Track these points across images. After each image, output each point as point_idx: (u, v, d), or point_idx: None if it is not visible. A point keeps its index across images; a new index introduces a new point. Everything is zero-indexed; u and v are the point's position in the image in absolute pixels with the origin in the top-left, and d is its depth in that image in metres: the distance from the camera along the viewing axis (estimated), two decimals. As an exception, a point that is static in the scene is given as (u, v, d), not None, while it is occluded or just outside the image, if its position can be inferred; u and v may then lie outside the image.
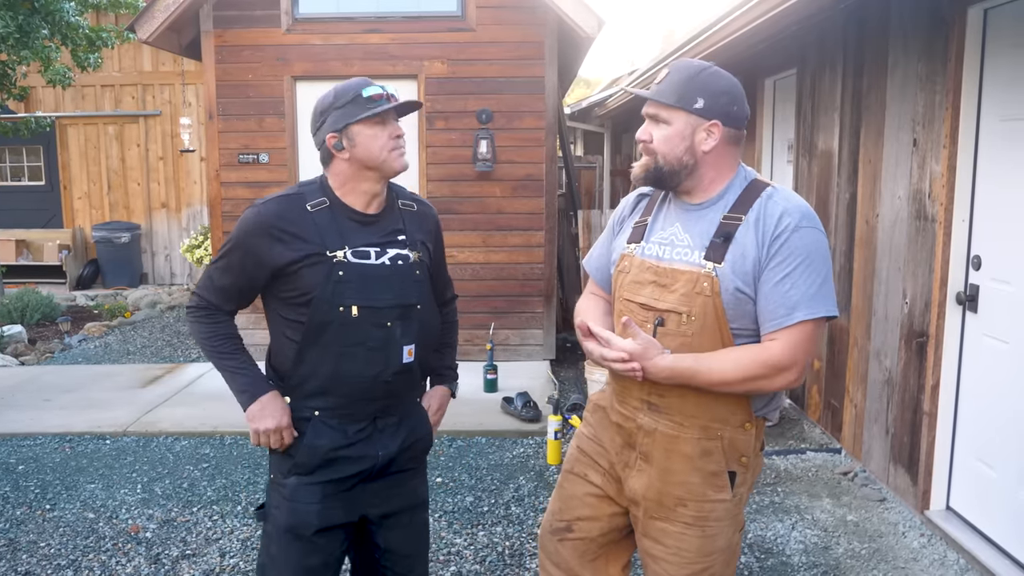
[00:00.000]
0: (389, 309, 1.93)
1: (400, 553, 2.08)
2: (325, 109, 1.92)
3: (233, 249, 1.94)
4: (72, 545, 3.46)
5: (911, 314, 3.68)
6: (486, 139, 6.18)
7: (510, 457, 4.48)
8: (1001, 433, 3.16)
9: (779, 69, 5.52)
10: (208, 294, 2.00)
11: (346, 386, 1.93)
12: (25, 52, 7.08)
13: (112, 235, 10.10)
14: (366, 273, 1.92)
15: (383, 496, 2.03)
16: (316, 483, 1.95)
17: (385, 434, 2.00)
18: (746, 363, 1.72)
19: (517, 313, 6.36)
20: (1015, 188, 3.07)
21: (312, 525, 1.95)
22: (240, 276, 1.95)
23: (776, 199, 1.76)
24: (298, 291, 1.91)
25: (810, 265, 1.71)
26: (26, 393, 5.66)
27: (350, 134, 1.90)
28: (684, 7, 39.72)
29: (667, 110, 1.79)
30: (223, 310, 2.01)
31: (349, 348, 1.91)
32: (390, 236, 1.98)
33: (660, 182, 1.85)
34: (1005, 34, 3.14)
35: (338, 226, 1.93)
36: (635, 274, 1.87)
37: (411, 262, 1.99)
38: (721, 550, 1.87)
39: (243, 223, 1.92)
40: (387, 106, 1.88)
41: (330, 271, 1.88)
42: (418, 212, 2.08)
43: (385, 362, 1.94)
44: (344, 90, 1.91)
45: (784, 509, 3.77)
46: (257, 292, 2.00)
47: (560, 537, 2.01)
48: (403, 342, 1.96)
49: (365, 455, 1.98)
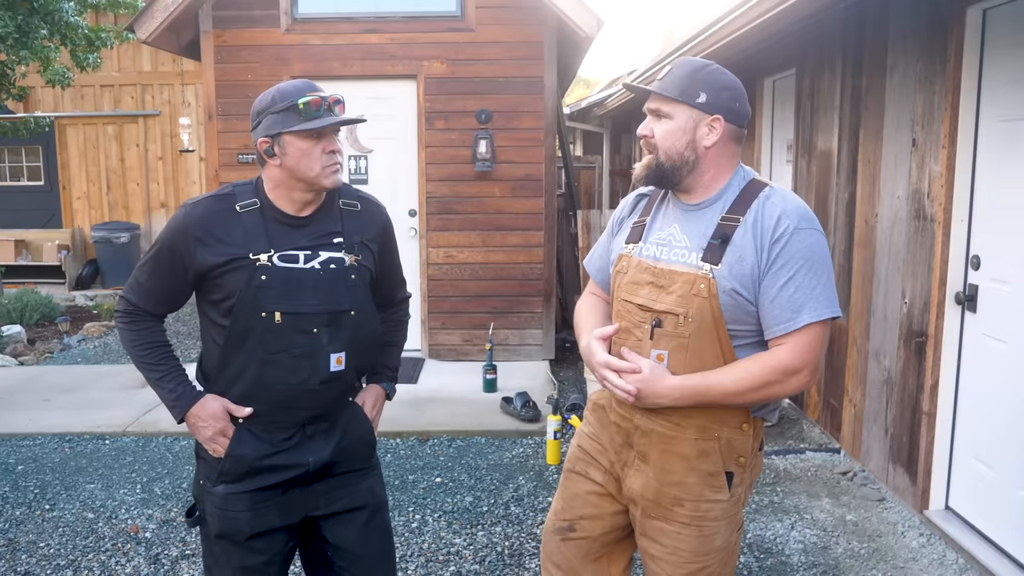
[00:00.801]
0: (316, 315, 1.85)
1: (356, 553, 2.00)
2: (261, 111, 1.84)
3: (159, 251, 1.89)
4: (71, 545, 3.46)
5: (910, 314, 3.69)
6: (485, 139, 6.18)
7: (509, 457, 4.48)
8: (1000, 433, 3.16)
9: (778, 69, 5.52)
10: (135, 297, 1.94)
11: (270, 393, 1.87)
12: (24, 52, 7.07)
13: (111, 235, 10.10)
14: (291, 277, 1.84)
15: (325, 498, 1.97)
16: (245, 492, 1.90)
17: (316, 440, 1.93)
18: (757, 371, 1.72)
19: (516, 313, 6.36)
20: (1014, 188, 3.07)
21: (244, 532, 1.90)
22: (166, 279, 1.90)
23: (773, 200, 1.76)
24: (222, 295, 1.85)
25: (812, 267, 1.71)
26: (25, 393, 5.66)
27: (282, 143, 1.82)
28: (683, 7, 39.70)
29: (669, 104, 1.78)
30: (151, 314, 1.95)
31: (272, 355, 1.84)
32: (323, 239, 1.90)
33: (662, 180, 1.83)
34: (1004, 34, 3.14)
35: (266, 229, 1.85)
36: (633, 275, 1.87)
37: (345, 266, 1.90)
38: (719, 549, 1.87)
39: (169, 225, 1.87)
40: (320, 123, 1.79)
41: (252, 275, 1.82)
42: (361, 212, 1.98)
43: (311, 370, 1.86)
44: (282, 94, 1.82)
45: (783, 509, 3.77)
46: (186, 296, 1.94)
47: (563, 536, 2.00)
48: (330, 349, 1.88)
49: (295, 463, 1.91)
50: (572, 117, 12.77)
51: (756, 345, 1.78)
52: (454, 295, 6.29)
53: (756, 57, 5.61)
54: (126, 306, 1.95)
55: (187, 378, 1.95)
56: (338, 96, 1.85)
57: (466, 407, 5.15)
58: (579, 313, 2.09)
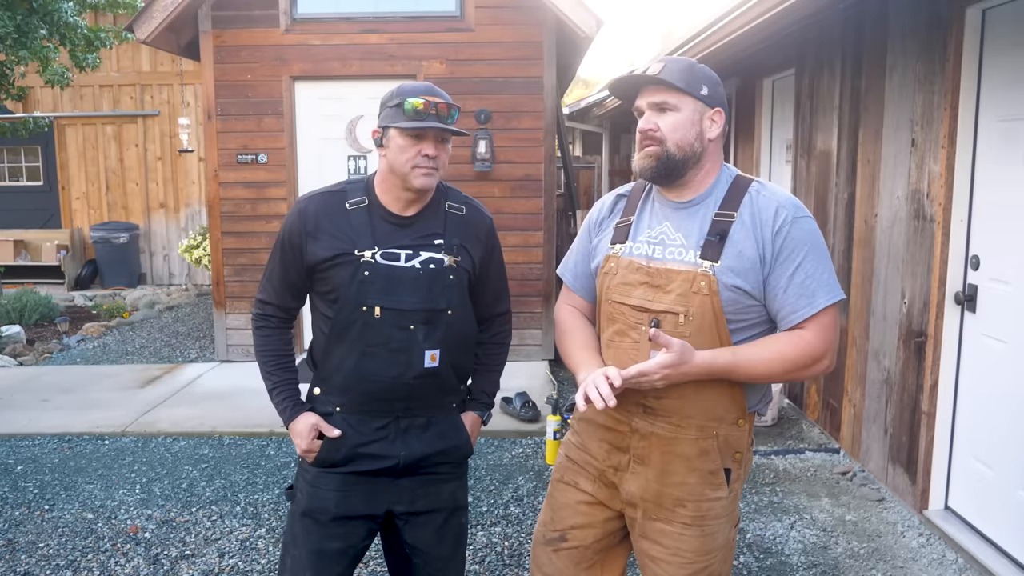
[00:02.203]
0: (414, 312, 1.94)
1: (431, 553, 2.08)
2: (384, 102, 1.96)
3: (278, 246, 2.03)
4: (71, 545, 3.46)
5: (909, 314, 3.69)
6: (485, 139, 6.19)
7: (509, 457, 4.48)
8: (999, 433, 3.16)
9: (778, 69, 5.52)
10: (265, 295, 2.07)
11: (367, 384, 1.96)
12: (23, 52, 7.06)
13: (110, 235, 10.09)
14: (393, 275, 1.94)
15: (410, 495, 2.04)
16: (337, 473, 2.00)
17: (409, 435, 2.01)
18: (788, 353, 1.73)
19: (516, 313, 6.33)
20: (1013, 188, 3.07)
21: (330, 512, 1.99)
22: (288, 272, 2.02)
23: (765, 194, 1.78)
24: (328, 288, 1.97)
25: (816, 253, 1.74)
26: (24, 393, 5.66)
27: (387, 136, 1.93)
28: (683, 7, 39.70)
29: (676, 95, 1.76)
30: (281, 309, 2.07)
31: (371, 348, 1.94)
32: (425, 239, 1.99)
33: (669, 173, 1.79)
34: (1003, 34, 3.14)
35: (372, 226, 1.96)
36: (623, 275, 1.84)
37: (444, 266, 1.98)
38: (720, 547, 1.87)
39: (285, 221, 2.02)
40: (414, 124, 1.87)
41: (356, 271, 1.92)
42: (466, 217, 2.06)
43: (407, 364, 1.95)
44: (400, 91, 1.93)
45: (783, 509, 3.77)
46: (306, 288, 2.06)
47: (554, 547, 1.98)
48: (425, 346, 1.96)
49: (386, 454, 2.00)
50: (571, 117, 12.77)
51: (749, 332, 1.78)
52: (453, 295, 6.28)
53: (755, 57, 5.62)
54: (258, 308, 2.09)
55: (294, 391, 2.06)
56: (453, 104, 1.95)
57: (465, 407, 5.15)
58: (561, 332, 2.02)
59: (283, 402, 2.04)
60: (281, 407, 2.04)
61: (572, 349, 1.97)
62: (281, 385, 2.05)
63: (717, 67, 1.91)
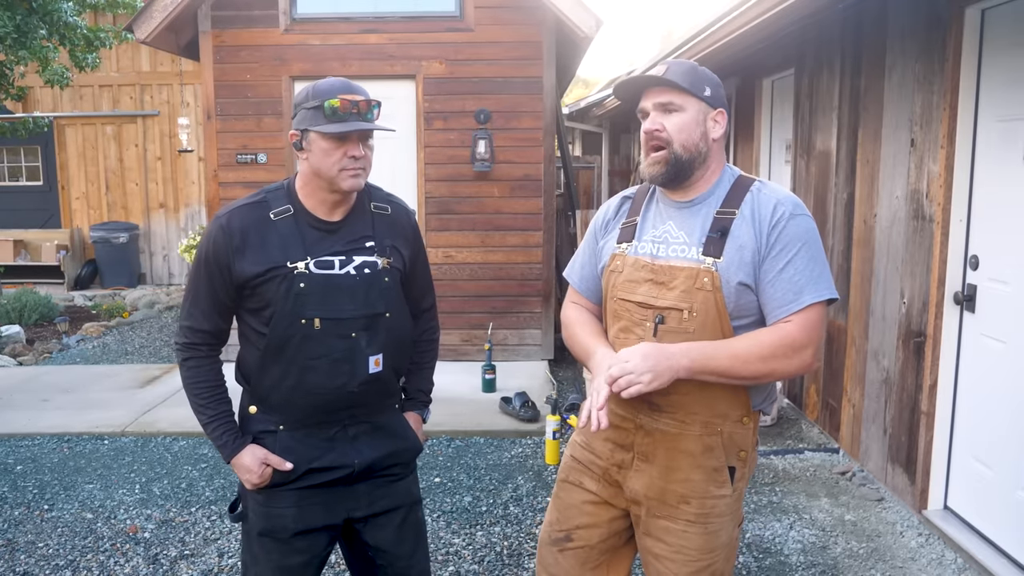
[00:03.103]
0: (353, 320, 1.89)
1: (395, 552, 2.05)
2: (298, 104, 1.87)
3: (201, 266, 1.90)
4: (70, 545, 3.46)
5: (909, 314, 3.69)
6: (484, 139, 6.18)
7: (508, 457, 4.48)
8: (999, 433, 3.16)
9: (777, 69, 5.52)
10: (192, 320, 1.93)
11: (310, 397, 1.90)
12: (23, 52, 7.07)
13: (110, 235, 10.09)
14: (329, 284, 1.87)
15: (367, 499, 2.00)
16: (291, 489, 1.93)
17: (359, 441, 1.97)
18: (765, 338, 1.72)
19: (515, 313, 6.36)
20: (1013, 188, 3.07)
21: (289, 529, 1.94)
22: (216, 293, 1.90)
23: (766, 192, 1.81)
24: (261, 304, 1.88)
25: (809, 251, 1.75)
26: (24, 393, 5.66)
27: (308, 139, 1.84)
28: (682, 7, 39.72)
29: (681, 96, 1.79)
30: (211, 335, 1.94)
31: (312, 360, 1.87)
32: (356, 243, 1.92)
33: (678, 174, 1.81)
34: (1002, 34, 3.15)
35: (301, 235, 1.87)
36: (629, 273, 1.87)
37: (379, 269, 1.93)
38: (723, 545, 1.87)
39: (206, 238, 1.89)
40: (339, 128, 1.79)
41: (291, 284, 1.84)
42: (392, 216, 2.01)
43: (351, 373, 1.90)
44: (315, 91, 1.83)
45: (782, 509, 3.77)
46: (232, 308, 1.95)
47: (560, 547, 1.99)
48: (369, 352, 1.91)
49: (340, 464, 1.95)
50: (571, 117, 12.78)
51: (752, 329, 1.79)
52: (453, 295, 6.29)
53: (755, 57, 5.62)
54: (184, 336, 1.95)
55: (231, 425, 1.96)
56: (372, 100, 1.86)
57: (465, 407, 5.14)
58: (570, 324, 2.03)
59: (221, 436, 1.93)
60: (220, 441, 1.93)
61: (581, 336, 1.97)
62: (218, 418, 1.94)
63: (717, 67, 1.92)
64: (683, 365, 1.69)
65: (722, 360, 1.72)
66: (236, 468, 1.93)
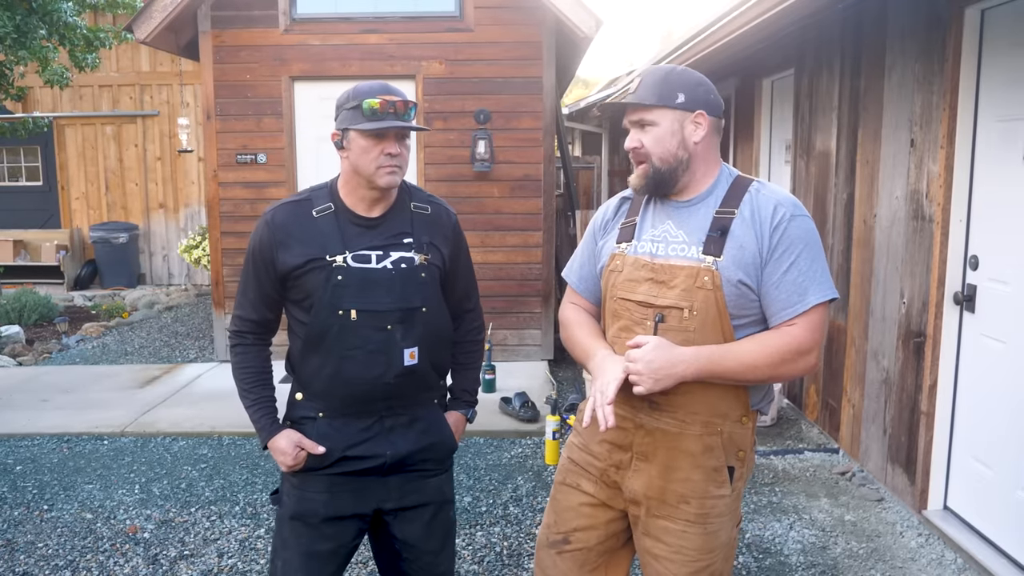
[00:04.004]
0: (389, 312, 1.96)
1: (421, 548, 2.09)
2: (340, 105, 1.97)
3: (249, 260, 2.03)
4: (70, 546, 3.46)
5: (908, 314, 3.69)
6: (484, 139, 6.18)
7: (508, 457, 4.48)
8: (999, 433, 3.16)
9: (777, 69, 5.52)
10: (242, 310, 2.07)
11: (348, 387, 1.98)
12: (23, 52, 7.06)
13: (110, 235, 10.09)
14: (366, 277, 1.96)
15: (398, 491, 2.05)
16: (325, 475, 2.01)
17: (395, 433, 2.03)
18: (772, 342, 1.75)
19: (515, 313, 6.36)
20: (1012, 188, 3.07)
21: (319, 514, 2.01)
22: (263, 284, 2.03)
23: (765, 193, 1.82)
24: (303, 295, 1.98)
25: (811, 252, 1.77)
26: (24, 393, 5.66)
27: (348, 138, 1.95)
28: (682, 7, 39.75)
29: (651, 111, 1.81)
30: (259, 324, 2.07)
31: (349, 351, 1.96)
32: (394, 239, 2.01)
33: (660, 185, 1.85)
34: (1002, 34, 3.15)
35: (341, 231, 1.97)
36: (629, 272, 1.87)
37: (415, 265, 2.00)
38: (722, 545, 1.88)
39: (254, 234, 2.02)
40: (375, 125, 1.89)
41: (329, 275, 1.94)
42: (431, 215, 2.09)
43: (387, 364, 1.97)
44: (355, 93, 1.94)
45: (782, 509, 3.77)
46: (280, 300, 2.06)
47: (558, 550, 1.99)
48: (404, 345, 1.98)
49: (373, 454, 2.01)
50: (571, 117, 12.78)
51: (752, 328, 1.81)
52: (453, 295, 6.27)
53: (755, 57, 5.62)
54: (235, 325, 2.08)
55: (271, 410, 2.07)
56: (409, 101, 1.95)
57: (465, 407, 5.15)
58: (569, 324, 2.04)
59: (261, 419, 2.04)
60: (259, 424, 2.04)
61: (579, 337, 1.99)
62: (259, 403, 2.06)
63: (717, 67, 1.92)
64: (689, 374, 1.73)
65: (730, 365, 1.75)
66: (272, 450, 2.02)
